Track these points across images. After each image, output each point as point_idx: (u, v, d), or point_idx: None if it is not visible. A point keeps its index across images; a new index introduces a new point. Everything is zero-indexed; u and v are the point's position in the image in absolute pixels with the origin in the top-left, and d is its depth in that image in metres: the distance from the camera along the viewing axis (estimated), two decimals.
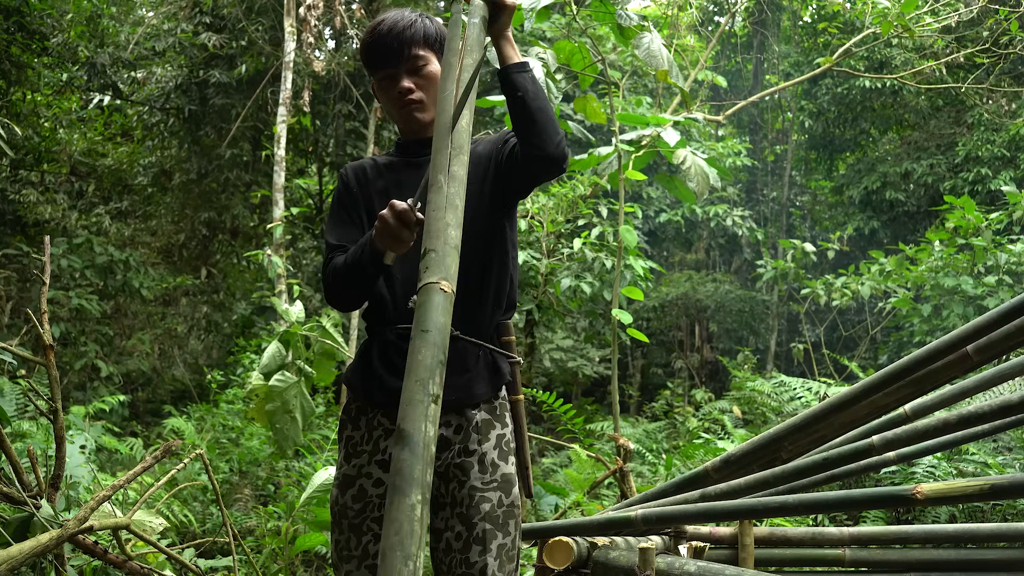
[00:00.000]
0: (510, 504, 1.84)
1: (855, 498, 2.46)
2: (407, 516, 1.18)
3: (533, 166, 1.80)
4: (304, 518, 3.80)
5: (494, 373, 1.90)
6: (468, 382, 1.85)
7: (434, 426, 1.28)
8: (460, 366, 1.84)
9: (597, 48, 4.71)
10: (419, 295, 1.41)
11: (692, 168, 4.59)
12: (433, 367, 1.32)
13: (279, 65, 9.00)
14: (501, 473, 1.85)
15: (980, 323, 2.31)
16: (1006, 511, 3.95)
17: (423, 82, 1.90)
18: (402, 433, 1.26)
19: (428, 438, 1.24)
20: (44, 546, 2.01)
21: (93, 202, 10.88)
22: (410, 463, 1.22)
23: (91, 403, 6.45)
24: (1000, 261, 7.81)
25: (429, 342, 1.35)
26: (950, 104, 14.38)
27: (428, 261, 1.46)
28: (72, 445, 3.68)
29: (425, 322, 1.38)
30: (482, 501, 1.81)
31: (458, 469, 1.83)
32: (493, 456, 1.85)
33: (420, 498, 1.19)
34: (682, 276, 15.11)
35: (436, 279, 1.42)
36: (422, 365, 1.32)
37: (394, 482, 1.22)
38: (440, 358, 1.33)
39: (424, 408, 1.27)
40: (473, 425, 1.85)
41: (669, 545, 2.60)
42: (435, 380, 1.30)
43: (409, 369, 1.33)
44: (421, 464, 1.22)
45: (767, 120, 17.64)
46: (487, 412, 1.87)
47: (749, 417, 7.91)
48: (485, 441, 1.85)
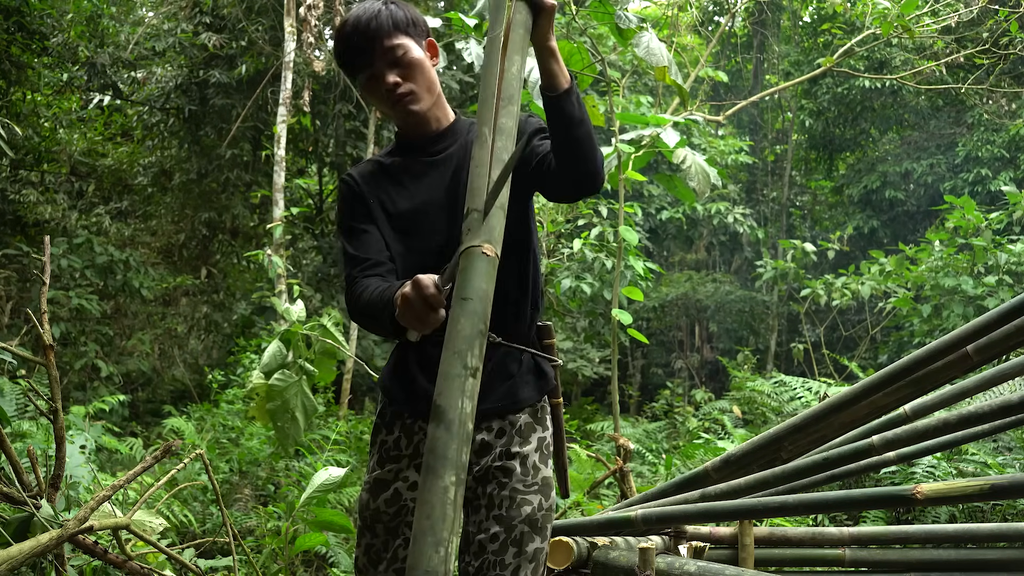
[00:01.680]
0: (548, 508, 1.82)
1: (855, 498, 2.46)
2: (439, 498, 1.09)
3: (570, 185, 1.73)
4: (304, 518, 3.80)
5: (539, 377, 1.87)
6: (512, 388, 1.81)
7: (472, 401, 1.18)
8: (503, 372, 1.81)
9: (597, 48, 4.71)
10: (461, 259, 1.30)
11: (692, 167, 4.59)
12: (472, 338, 1.21)
13: (279, 65, 9.00)
14: (542, 476, 1.81)
15: (980, 323, 2.31)
16: (1006, 511, 3.95)
17: (408, 72, 1.77)
18: (437, 409, 1.16)
19: (465, 415, 1.15)
20: (44, 546, 2.01)
21: (93, 202, 10.88)
22: (445, 441, 1.13)
23: (91, 403, 6.45)
24: (1000, 261, 7.82)
25: (469, 311, 1.23)
26: (950, 104, 14.38)
27: (470, 222, 1.34)
28: (72, 445, 3.68)
29: (466, 289, 1.26)
30: (523, 503, 1.77)
31: (499, 471, 1.79)
32: (535, 459, 1.82)
33: (455, 479, 1.10)
34: (682, 276, 15.11)
35: (479, 242, 1.31)
36: (460, 336, 1.21)
37: (427, 462, 1.13)
38: (480, 327, 1.22)
39: (462, 382, 1.17)
40: (516, 428, 1.82)
41: (669, 545, 2.60)
42: (474, 352, 1.20)
43: (447, 340, 1.22)
44: (456, 443, 1.13)
45: (767, 120, 17.64)
46: (530, 416, 1.84)
47: (749, 417, 7.91)
48: (527, 444, 1.82)
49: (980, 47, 10.44)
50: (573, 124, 1.64)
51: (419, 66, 1.78)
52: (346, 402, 8.30)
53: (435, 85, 1.82)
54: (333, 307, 9.49)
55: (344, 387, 8.39)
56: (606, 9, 4.13)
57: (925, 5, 8.66)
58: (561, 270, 8.04)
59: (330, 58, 10.00)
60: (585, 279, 8.15)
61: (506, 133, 1.40)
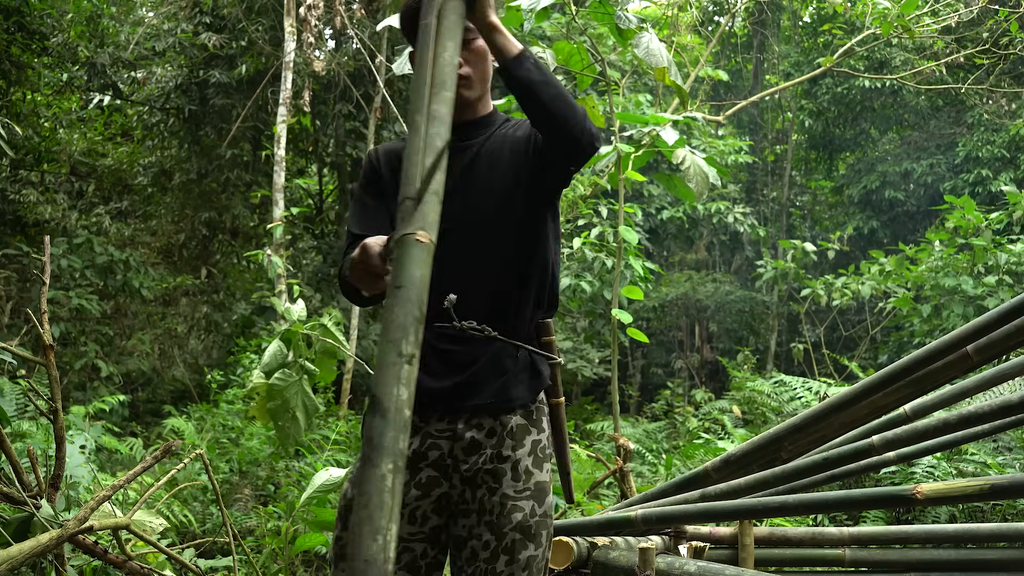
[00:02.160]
0: (543, 514, 1.76)
1: (855, 498, 2.46)
2: (377, 487, 1.10)
3: (560, 155, 1.73)
4: (304, 518, 3.80)
5: (533, 376, 1.81)
6: (504, 385, 1.77)
7: (408, 389, 1.20)
8: (497, 368, 1.78)
9: (597, 48, 4.71)
10: (395, 248, 1.33)
11: (691, 167, 4.59)
12: (407, 326, 1.22)
13: (279, 65, 9.00)
14: (535, 481, 1.76)
15: (980, 323, 2.32)
16: (1006, 511, 3.95)
17: (471, 57, 1.78)
18: (374, 399, 1.18)
19: (401, 402, 1.16)
20: (44, 546, 2.01)
21: (93, 202, 10.88)
22: (381, 430, 1.14)
23: (91, 403, 6.45)
24: (1000, 261, 7.82)
25: (403, 299, 1.25)
26: (950, 104, 14.38)
27: (404, 210, 1.35)
28: (72, 445, 3.68)
29: (399, 277, 1.28)
30: (514, 510, 1.72)
31: (489, 475, 1.75)
32: (528, 463, 1.76)
33: (392, 467, 1.12)
34: (682, 276, 15.11)
35: (412, 230, 1.32)
36: (394, 324, 1.22)
37: (364, 452, 1.15)
38: (415, 315, 1.24)
39: (397, 370, 1.18)
40: (508, 430, 1.77)
41: (669, 545, 2.60)
42: (409, 339, 1.21)
43: (383, 329, 1.25)
44: (393, 431, 1.14)
45: (767, 120, 17.64)
46: (523, 417, 1.79)
47: (749, 417, 7.91)
48: (520, 447, 1.76)
49: (980, 47, 10.44)
50: (535, 87, 1.63)
51: (484, 55, 1.79)
52: (346, 402, 8.30)
53: (488, 78, 1.85)
54: (333, 307, 9.49)
55: (344, 387, 8.39)
56: (606, 9, 4.13)
57: (925, 5, 8.65)
58: (561, 269, 8.05)
59: (330, 58, 10.01)
60: (585, 278, 8.15)
61: (439, 120, 1.41)
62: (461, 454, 1.75)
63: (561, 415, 1.89)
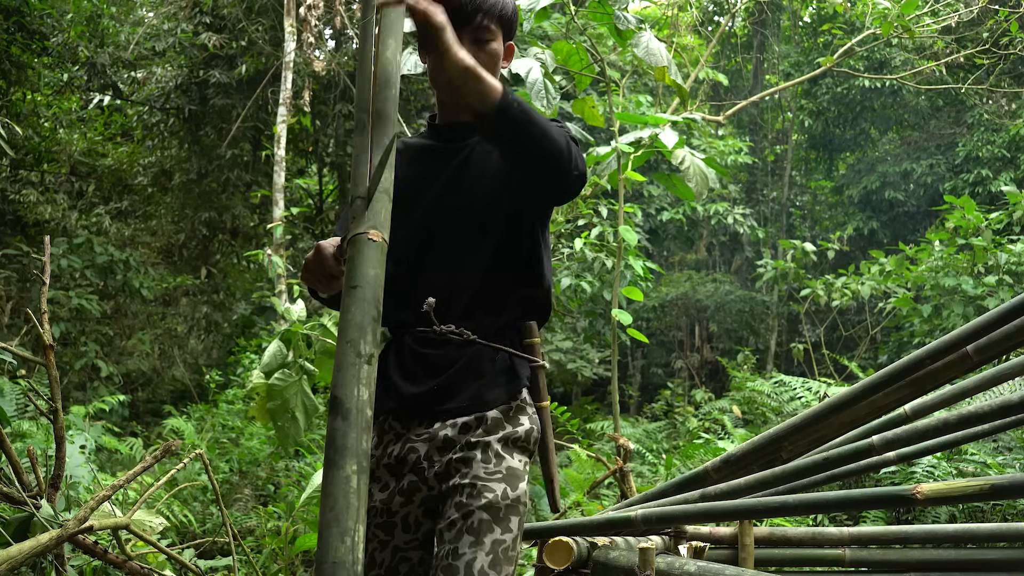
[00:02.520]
0: (515, 499, 1.69)
1: (855, 498, 2.45)
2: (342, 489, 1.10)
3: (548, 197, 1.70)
4: (304, 518, 3.80)
5: (511, 378, 1.77)
6: (481, 389, 1.74)
7: (368, 389, 1.18)
8: (474, 371, 1.74)
9: (596, 48, 4.71)
10: (348, 247, 1.31)
11: (691, 167, 4.59)
12: (364, 326, 1.22)
13: (279, 65, 9.00)
14: (507, 466, 1.70)
15: (980, 323, 2.31)
16: (1006, 511, 3.95)
17: (484, 57, 1.71)
18: (335, 401, 1.17)
19: (363, 403, 1.15)
20: (44, 546, 2.01)
21: (93, 202, 10.88)
22: (343, 431, 1.13)
23: (91, 403, 6.45)
24: (1000, 261, 7.81)
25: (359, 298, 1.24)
26: (950, 104, 14.39)
27: (355, 209, 1.33)
28: (72, 445, 3.68)
29: (354, 276, 1.27)
30: (485, 490, 1.66)
31: (460, 462, 1.71)
32: (498, 447, 1.71)
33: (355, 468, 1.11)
34: (682, 276, 15.11)
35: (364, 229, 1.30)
36: (352, 324, 1.22)
37: (327, 455, 1.14)
38: (372, 314, 1.23)
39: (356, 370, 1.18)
40: (483, 423, 1.74)
41: (669, 545, 2.59)
42: (367, 339, 1.20)
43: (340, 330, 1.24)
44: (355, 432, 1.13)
45: (767, 120, 17.64)
46: (500, 413, 1.75)
47: (749, 417, 7.91)
48: (492, 434, 1.72)
49: (980, 47, 10.44)
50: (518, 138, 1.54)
51: (495, 58, 1.75)
52: None
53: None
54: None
55: None
56: (605, 9, 4.13)
57: (925, 5, 8.65)
58: (561, 270, 8.04)
59: (330, 58, 10.01)
60: (585, 278, 8.15)
61: (384, 117, 1.38)
62: (436, 454, 1.73)
63: (545, 419, 1.82)
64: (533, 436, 1.77)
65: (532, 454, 1.78)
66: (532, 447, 1.78)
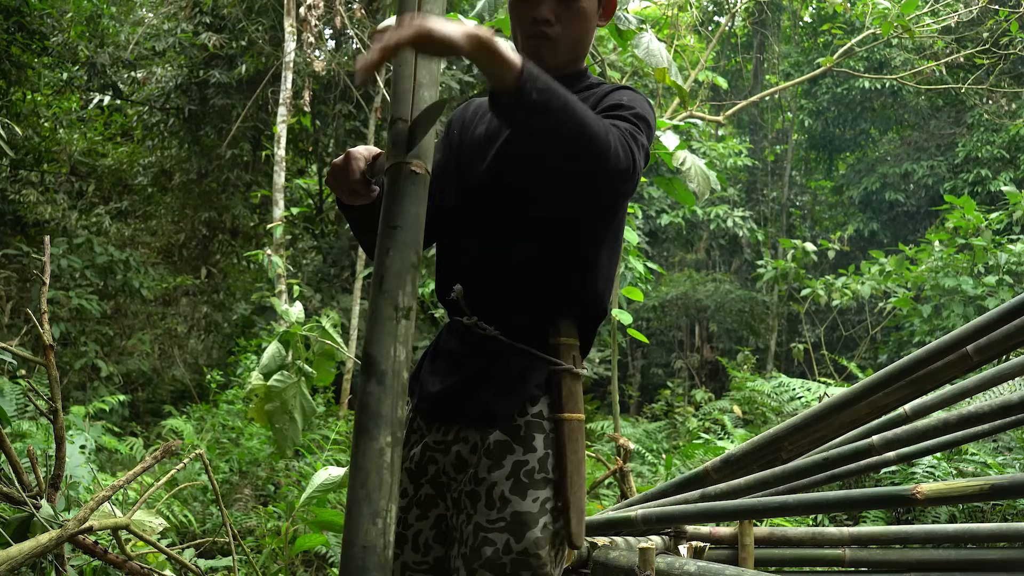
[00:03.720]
0: (522, 551, 1.43)
1: (855, 498, 2.46)
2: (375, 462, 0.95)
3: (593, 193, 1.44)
4: (304, 518, 3.80)
5: (523, 384, 1.51)
6: (489, 397, 1.53)
7: (405, 347, 1.03)
8: (487, 374, 1.53)
9: (596, 49, 4.71)
10: (386, 177, 1.11)
11: (692, 170, 4.58)
12: (403, 272, 1.04)
13: (279, 65, 9.00)
14: (512, 511, 1.45)
15: (980, 323, 2.31)
16: (1006, 511, 3.95)
17: (569, 16, 1.50)
18: (368, 360, 1.01)
19: (399, 364, 1.01)
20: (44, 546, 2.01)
21: (93, 202, 10.88)
22: (378, 397, 0.98)
23: (91, 403, 6.45)
24: (1000, 261, 7.81)
25: (399, 241, 1.05)
26: (950, 104, 14.39)
27: (396, 133, 1.12)
28: (72, 445, 3.68)
29: (393, 214, 1.07)
30: (484, 544, 1.44)
31: (468, 499, 1.50)
32: (504, 488, 1.46)
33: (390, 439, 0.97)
34: (682, 276, 15.11)
35: (406, 158, 1.10)
36: (389, 272, 1.04)
37: (359, 422, 0.99)
38: (412, 260, 1.05)
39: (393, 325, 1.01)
40: (486, 447, 1.50)
41: (669, 545, 2.59)
42: (406, 290, 1.04)
43: (375, 278, 1.06)
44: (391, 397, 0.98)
45: (767, 120, 17.64)
46: (505, 433, 1.50)
47: (749, 417, 7.91)
48: (496, 469, 1.48)
49: (980, 47, 10.45)
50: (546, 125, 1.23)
51: (583, 17, 1.52)
52: (346, 402, 8.31)
53: (582, 46, 1.57)
54: (332, 307, 9.49)
55: (344, 387, 8.40)
56: None
57: (925, 5, 8.65)
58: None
59: (330, 58, 10.01)
60: None
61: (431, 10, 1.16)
62: (452, 471, 1.56)
63: (565, 435, 1.50)
64: (550, 462, 1.50)
65: (556, 482, 1.50)
66: (554, 474, 1.50)
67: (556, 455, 1.50)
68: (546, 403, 1.52)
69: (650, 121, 1.48)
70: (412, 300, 1.04)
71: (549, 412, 1.52)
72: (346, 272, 10.68)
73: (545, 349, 1.53)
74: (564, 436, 1.50)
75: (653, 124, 1.51)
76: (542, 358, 1.52)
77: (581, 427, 1.53)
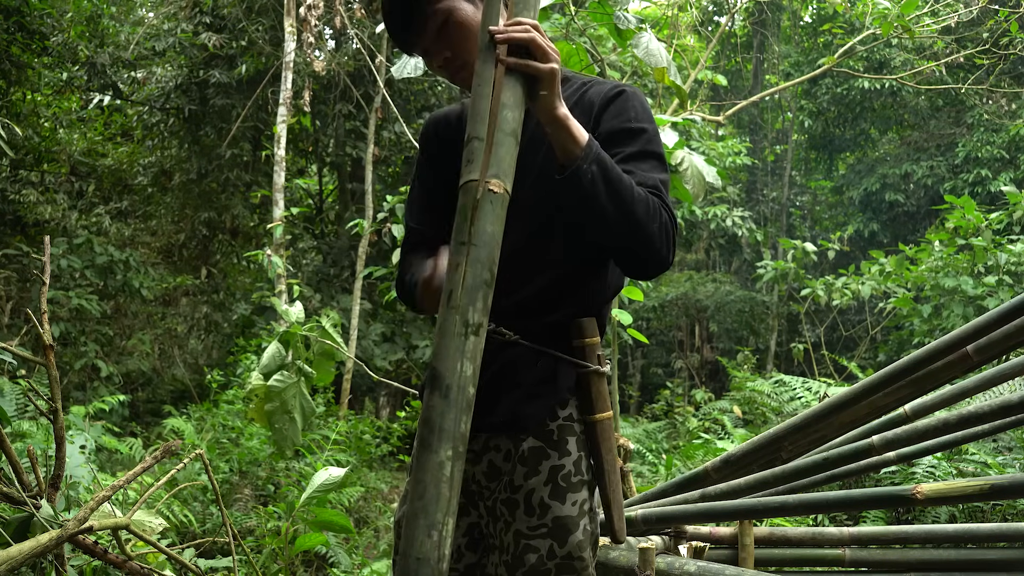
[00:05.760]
0: (566, 555, 1.45)
1: (855, 498, 2.46)
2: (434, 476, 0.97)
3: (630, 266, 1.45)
4: (304, 518, 3.80)
5: (553, 387, 1.50)
6: (516, 401, 1.51)
7: (473, 363, 1.04)
8: (510, 379, 1.51)
9: (596, 49, 4.71)
10: (460, 195, 1.12)
11: (689, 169, 4.58)
12: (475, 289, 1.05)
13: (279, 65, 9.00)
14: (553, 516, 1.46)
15: (980, 323, 2.31)
16: (1006, 511, 3.95)
17: (457, 38, 1.48)
18: (434, 374, 1.02)
19: (465, 379, 1.02)
20: (44, 546, 2.01)
21: (93, 202, 10.88)
22: (441, 410, 1.00)
23: (91, 403, 6.45)
24: (1000, 261, 7.81)
25: (472, 259, 1.06)
26: (950, 104, 14.40)
27: (471, 151, 1.13)
28: (72, 445, 3.68)
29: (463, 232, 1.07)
30: (527, 551, 1.45)
31: (504, 507, 1.50)
32: (543, 494, 1.46)
33: (451, 453, 0.99)
34: (682, 276, 15.11)
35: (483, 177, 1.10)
36: (461, 288, 1.05)
37: (421, 434, 1.01)
38: (486, 277, 1.06)
39: (462, 342, 1.03)
40: (520, 455, 1.49)
41: (669, 545, 2.59)
42: (477, 307, 1.04)
43: (445, 293, 1.07)
44: (455, 412, 1.00)
45: (767, 120, 17.65)
46: (538, 439, 1.50)
47: (749, 417, 7.91)
48: (533, 475, 1.47)
49: (980, 47, 10.44)
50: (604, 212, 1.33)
51: (467, 29, 1.48)
52: (346, 402, 8.31)
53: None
54: (332, 307, 9.49)
55: (344, 387, 8.39)
56: (605, 10, 4.12)
57: (925, 5, 8.65)
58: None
59: (330, 58, 10.01)
60: None
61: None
62: (484, 480, 1.54)
63: (599, 435, 1.52)
64: (585, 464, 1.52)
65: (590, 483, 1.53)
66: (588, 475, 1.52)
67: (591, 456, 1.53)
68: (575, 405, 1.53)
69: (658, 139, 1.53)
70: (483, 317, 1.06)
71: (579, 414, 1.53)
72: (346, 272, 10.68)
73: (569, 351, 1.53)
74: (598, 436, 1.52)
75: (657, 134, 1.53)
76: (569, 361, 1.52)
77: (611, 425, 1.55)
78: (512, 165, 1.13)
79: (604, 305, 1.60)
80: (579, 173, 1.31)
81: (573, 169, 1.31)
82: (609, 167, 1.34)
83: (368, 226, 8.70)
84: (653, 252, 1.38)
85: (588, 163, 1.31)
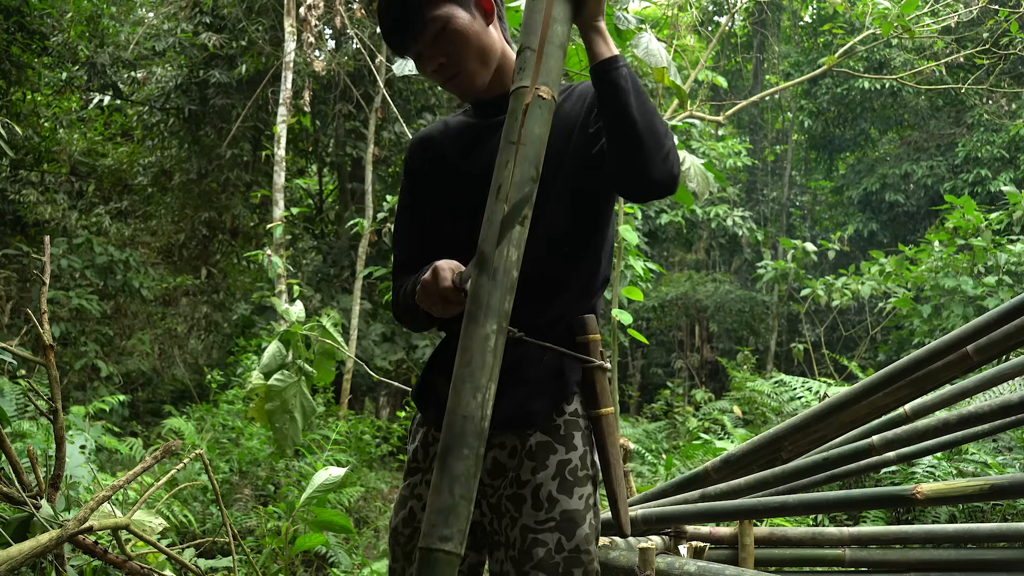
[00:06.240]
0: (573, 549, 1.47)
1: (855, 498, 2.46)
2: (480, 346, 1.10)
3: (632, 191, 1.45)
4: (304, 518, 3.80)
5: (558, 383, 1.54)
6: (524, 398, 1.52)
7: (518, 251, 1.15)
8: (516, 376, 1.50)
9: None
10: (511, 100, 1.21)
11: (691, 169, 4.58)
12: (523, 184, 1.15)
13: (279, 65, 9.00)
14: (561, 510, 1.48)
15: (980, 323, 2.31)
16: (1006, 511, 3.95)
17: (451, 47, 1.51)
18: (481, 256, 1.15)
19: (510, 263, 1.14)
20: (44, 546, 2.01)
21: (93, 202, 10.87)
22: (488, 289, 1.12)
23: (91, 403, 6.45)
24: (1000, 261, 7.81)
25: (521, 156, 1.16)
26: (950, 104, 14.40)
27: (523, 60, 1.23)
28: (72, 445, 3.68)
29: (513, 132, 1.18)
30: (535, 545, 1.46)
31: (510, 502, 1.51)
32: (551, 488, 1.49)
33: (496, 328, 1.11)
34: (682, 276, 15.12)
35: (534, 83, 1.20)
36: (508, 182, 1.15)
37: (469, 310, 1.13)
38: (532, 174, 1.17)
39: (508, 231, 1.14)
40: (527, 450, 1.51)
41: (669, 545, 2.59)
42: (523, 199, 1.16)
43: (493, 186, 1.17)
44: (500, 291, 1.12)
45: (767, 120, 17.65)
46: (545, 433, 1.52)
47: (749, 417, 7.91)
48: (541, 470, 1.50)
49: (980, 47, 10.44)
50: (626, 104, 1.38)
51: (464, 37, 1.51)
52: (346, 402, 8.31)
53: (489, 53, 1.56)
54: (332, 307, 9.49)
55: (344, 387, 8.39)
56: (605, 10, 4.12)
57: (925, 5, 8.65)
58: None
59: (330, 58, 10.01)
60: None
61: None
62: (486, 477, 1.55)
63: (603, 429, 1.55)
64: (590, 458, 1.55)
65: (594, 478, 1.56)
66: (593, 470, 1.55)
67: (596, 450, 1.56)
68: (579, 401, 1.56)
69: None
70: (529, 210, 1.17)
71: (584, 409, 1.56)
72: (346, 272, 10.68)
73: (572, 347, 1.55)
74: (603, 431, 1.56)
75: None
76: (573, 356, 1.54)
77: (615, 420, 1.60)
78: (560, 75, 1.24)
79: (597, 295, 1.63)
80: (617, 67, 1.40)
81: (612, 65, 1.40)
82: (637, 79, 1.43)
83: (368, 226, 8.71)
84: (667, 167, 1.40)
85: (623, 65, 1.41)
